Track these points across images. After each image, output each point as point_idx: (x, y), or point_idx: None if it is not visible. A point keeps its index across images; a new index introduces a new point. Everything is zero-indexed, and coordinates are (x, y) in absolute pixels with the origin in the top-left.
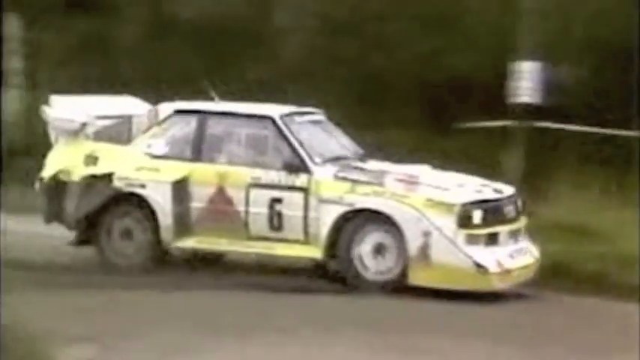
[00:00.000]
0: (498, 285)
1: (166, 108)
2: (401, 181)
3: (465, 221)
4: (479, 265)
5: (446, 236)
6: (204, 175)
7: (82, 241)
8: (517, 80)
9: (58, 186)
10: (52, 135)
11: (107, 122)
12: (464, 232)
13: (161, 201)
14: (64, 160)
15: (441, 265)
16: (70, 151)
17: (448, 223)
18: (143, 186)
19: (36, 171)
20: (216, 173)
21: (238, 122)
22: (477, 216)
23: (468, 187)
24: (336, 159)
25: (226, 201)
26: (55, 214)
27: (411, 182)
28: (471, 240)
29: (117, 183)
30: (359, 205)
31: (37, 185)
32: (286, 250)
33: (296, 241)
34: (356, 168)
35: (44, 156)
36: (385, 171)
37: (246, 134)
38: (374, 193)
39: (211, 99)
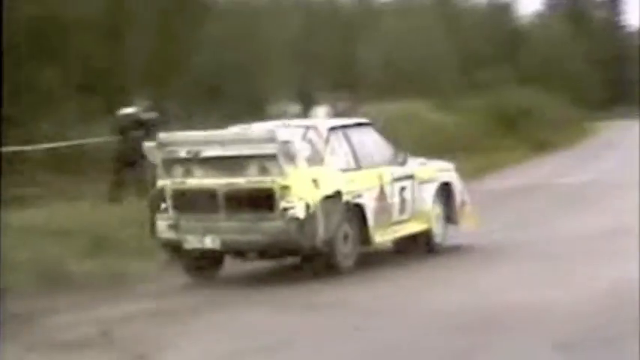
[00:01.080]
0: None
1: (321, 126)
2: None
3: None
4: None
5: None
6: (372, 178)
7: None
8: None
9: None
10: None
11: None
12: None
13: (371, 205)
14: (308, 186)
15: (470, 209)
16: (303, 177)
17: None
18: (360, 196)
19: None
20: (378, 175)
21: (358, 131)
22: None
23: None
24: None
25: (384, 197)
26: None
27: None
28: None
29: (346, 198)
30: (441, 180)
31: (303, 213)
32: (412, 228)
33: (409, 220)
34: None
35: None
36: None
37: (367, 139)
38: (438, 170)
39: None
